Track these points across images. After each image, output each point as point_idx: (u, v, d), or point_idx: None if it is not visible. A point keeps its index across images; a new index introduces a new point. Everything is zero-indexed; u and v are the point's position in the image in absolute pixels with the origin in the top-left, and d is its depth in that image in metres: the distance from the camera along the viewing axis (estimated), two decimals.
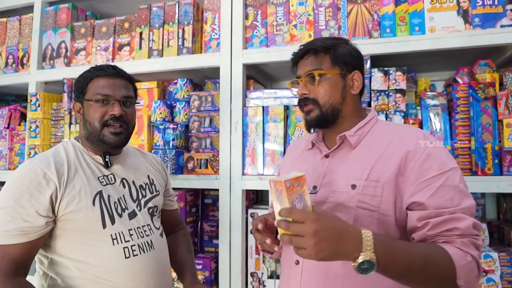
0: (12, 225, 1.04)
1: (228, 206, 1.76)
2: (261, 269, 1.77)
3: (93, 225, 1.13)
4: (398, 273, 0.84)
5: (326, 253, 0.78)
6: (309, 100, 1.09)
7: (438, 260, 0.85)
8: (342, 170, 1.05)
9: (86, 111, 1.21)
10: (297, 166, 1.17)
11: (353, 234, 0.80)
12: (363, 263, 0.78)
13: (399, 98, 1.67)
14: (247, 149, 1.77)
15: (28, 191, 1.06)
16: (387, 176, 0.97)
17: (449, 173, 0.94)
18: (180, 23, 1.96)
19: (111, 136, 1.18)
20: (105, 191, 1.19)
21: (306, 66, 1.10)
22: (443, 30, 1.60)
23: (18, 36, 2.36)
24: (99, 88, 1.19)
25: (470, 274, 0.87)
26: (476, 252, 0.89)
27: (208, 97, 1.90)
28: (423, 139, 1.00)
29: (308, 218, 0.77)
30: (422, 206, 0.93)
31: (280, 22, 1.81)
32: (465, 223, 0.89)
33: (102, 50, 2.12)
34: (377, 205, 0.97)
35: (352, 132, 1.07)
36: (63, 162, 1.15)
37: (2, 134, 2.32)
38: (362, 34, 1.70)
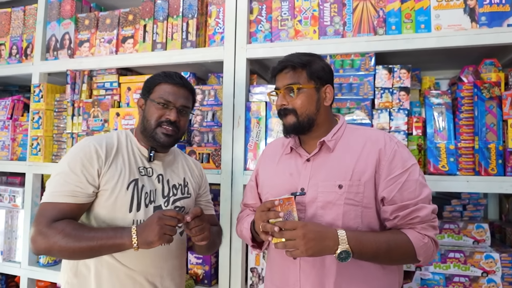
0: (65, 187, 1.21)
1: (229, 200, 1.76)
2: (261, 264, 1.77)
3: (121, 207, 1.26)
4: (370, 257, 1.10)
5: (313, 249, 1.03)
6: (288, 110, 1.23)
7: (400, 244, 1.11)
8: (326, 172, 1.20)
9: (147, 109, 1.35)
10: (281, 170, 1.30)
11: (332, 234, 1.06)
12: (341, 253, 1.04)
13: (403, 96, 1.65)
14: (249, 144, 1.77)
15: (81, 162, 1.23)
16: (367, 175, 1.16)
17: (410, 169, 1.16)
18: (184, 16, 1.95)
19: (162, 135, 1.32)
20: (141, 180, 1.32)
21: (285, 79, 1.23)
22: (449, 28, 1.58)
23: (22, 27, 2.36)
24: (164, 92, 1.33)
25: (427, 251, 1.13)
26: (433, 232, 1.14)
27: (211, 91, 1.89)
28: (389, 141, 1.20)
29: (298, 225, 1.04)
30: (392, 200, 1.14)
31: (285, 17, 1.80)
32: (425, 212, 1.12)
33: (106, 42, 2.12)
34: (361, 200, 1.16)
35: (330, 137, 1.23)
36: (113, 146, 1.32)
37: (5, 124, 2.33)
38: (367, 30, 1.69)
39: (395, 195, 1.14)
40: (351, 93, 1.68)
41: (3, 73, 2.35)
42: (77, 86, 2.15)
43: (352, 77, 1.68)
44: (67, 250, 1.15)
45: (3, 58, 2.39)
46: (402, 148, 1.21)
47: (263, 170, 1.39)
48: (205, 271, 1.88)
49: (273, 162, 1.36)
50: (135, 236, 1.14)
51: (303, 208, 1.19)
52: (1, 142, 2.32)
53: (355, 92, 1.68)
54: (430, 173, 1.55)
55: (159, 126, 1.31)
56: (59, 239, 1.14)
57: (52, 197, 1.20)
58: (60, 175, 1.22)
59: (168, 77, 1.36)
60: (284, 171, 1.29)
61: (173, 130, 1.32)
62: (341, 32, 1.72)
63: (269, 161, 1.38)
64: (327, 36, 1.73)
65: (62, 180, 1.21)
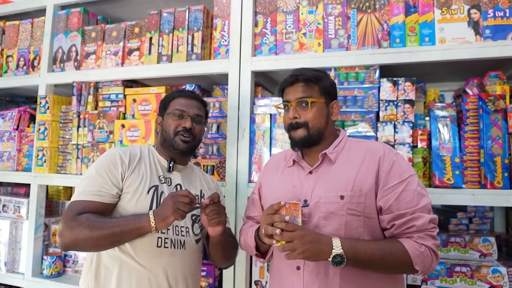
0: (92, 188, 1.31)
1: (234, 213, 1.75)
2: (265, 277, 1.76)
3: (141, 209, 1.33)
4: (364, 263, 1.11)
5: (310, 252, 1.06)
6: (299, 123, 1.26)
7: (394, 252, 1.12)
8: (327, 183, 1.22)
9: (165, 123, 1.47)
10: (284, 183, 1.32)
11: (326, 239, 1.10)
12: (335, 257, 1.07)
13: (407, 108, 1.66)
14: (254, 156, 1.77)
15: (107, 166, 1.35)
16: (368, 186, 1.18)
17: (408, 180, 1.17)
18: (189, 29, 1.97)
19: (180, 142, 1.42)
20: (161, 187, 1.41)
21: (298, 92, 1.27)
22: (454, 41, 1.59)
23: (30, 39, 2.39)
24: (177, 105, 1.46)
25: (424, 261, 1.12)
26: (431, 242, 1.13)
27: (216, 103, 1.90)
28: (388, 152, 1.23)
29: (297, 228, 1.08)
30: (388, 210, 1.16)
31: (289, 30, 1.81)
32: (422, 221, 1.13)
33: (112, 54, 2.14)
34: (362, 210, 1.17)
35: (331, 150, 1.26)
36: (136, 155, 1.44)
37: (11, 135, 2.34)
38: (371, 43, 1.70)
39: (392, 204, 1.15)
40: (356, 105, 1.68)
41: (11, 84, 2.38)
42: (83, 98, 2.17)
43: (357, 89, 1.69)
44: (92, 238, 1.21)
45: (10, 69, 2.41)
46: (401, 159, 1.23)
47: (266, 183, 1.41)
48: (209, 284, 1.87)
49: (275, 175, 1.38)
50: (152, 219, 1.23)
51: (306, 219, 1.20)
52: (7, 153, 2.33)
53: (359, 105, 1.68)
54: (436, 186, 1.55)
55: (177, 135, 1.42)
56: (83, 228, 1.22)
57: (79, 196, 1.30)
58: (89, 178, 1.34)
59: (180, 92, 1.51)
60: (287, 183, 1.31)
61: (190, 137, 1.43)
62: (345, 45, 1.73)
63: (272, 173, 1.40)
64: (331, 49, 1.74)
65: (89, 182, 1.32)
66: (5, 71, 2.43)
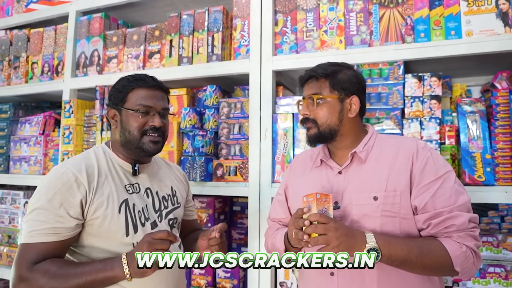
0: (45, 225, 1.09)
1: (258, 214, 1.74)
2: (290, 278, 1.74)
3: (117, 232, 1.17)
4: (400, 261, 1.04)
5: (344, 245, 1.01)
6: (309, 120, 1.23)
7: (434, 251, 1.05)
8: (359, 184, 1.17)
9: (125, 120, 1.24)
10: (312, 184, 1.26)
11: (360, 233, 1.05)
12: (369, 251, 1.02)
13: (434, 104, 1.61)
14: (276, 156, 1.75)
15: (60, 194, 1.11)
16: (402, 185, 1.12)
17: (445, 176, 1.11)
18: (209, 30, 1.97)
19: (150, 144, 1.23)
20: (131, 199, 1.22)
21: (309, 89, 1.24)
22: (481, 33, 1.54)
23: (54, 45, 2.44)
24: (141, 99, 1.23)
25: (466, 262, 1.05)
26: (473, 242, 1.07)
27: (237, 104, 1.90)
28: (422, 148, 1.16)
29: (331, 220, 1.03)
30: (424, 209, 1.10)
31: (310, 28, 1.79)
32: (461, 220, 1.06)
33: (133, 58, 2.16)
34: (398, 211, 1.12)
35: (361, 148, 1.20)
36: (93, 168, 1.19)
37: (37, 140, 2.39)
38: (394, 39, 1.66)
39: (428, 203, 1.09)
40: (380, 102, 1.65)
41: (36, 90, 2.43)
42: (105, 102, 2.19)
43: (381, 86, 1.65)
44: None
45: (35, 76, 2.47)
46: (436, 155, 1.16)
47: (293, 184, 1.36)
48: (234, 285, 1.86)
49: (302, 175, 1.33)
50: (126, 266, 1.05)
51: None
52: (33, 157, 2.38)
53: (384, 102, 1.65)
54: (466, 184, 1.50)
55: (144, 135, 1.23)
56: (44, 283, 1.04)
57: (30, 238, 1.08)
58: (38, 211, 1.10)
59: (140, 81, 1.25)
60: (315, 184, 1.26)
61: (159, 136, 1.25)
62: (368, 41, 1.70)
63: (299, 174, 1.35)
64: (353, 46, 1.71)
65: (40, 216, 1.09)
66: (31, 77, 2.48)
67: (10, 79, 2.57)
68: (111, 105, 1.28)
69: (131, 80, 1.26)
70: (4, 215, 2.39)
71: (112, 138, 1.30)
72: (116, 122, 1.27)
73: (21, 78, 2.52)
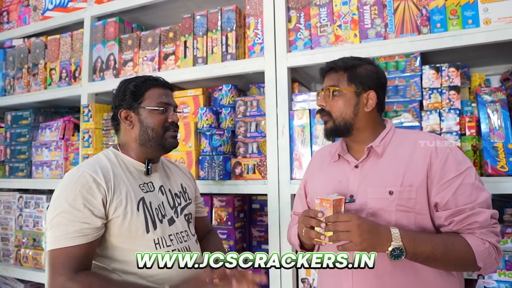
0: (72, 228, 1.09)
1: (277, 211, 1.74)
2: (312, 275, 1.74)
3: (137, 230, 1.19)
4: (424, 258, 1.04)
5: (367, 242, 1.00)
6: (324, 111, 1.25)
7: (458, 247, 1.04)
8: (375, 178, 1.17)
9: (145, 118, 1.27)
10: (329, 178, 1.27)
11: (385, 229, 1.03)
12: (394, 250, 1.01)
13: (453, 95, 1.59)
14: (294, 153, 1.75)
15: (81, 195, 1.12)
16: (419, 181, 1.12)
17: (465, 173, 1.10)
18: (223, 29, 1.98)
19: (171, 140, 1.30)
20: (147, 197, 1.25)
21: (327, 81, 1.25)
22: (500, 21, 1.51)
23: (70, 51, 2.48)
24: (158, 96, 1.28)
25: (489, 257, 1.06)
26: (495, 239, 1.07)
27: (254, 102, 1.90)
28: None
29: (353, 217, 1.02)
30: (446, 206, 1.09)
31: (324, 23, 1.78)
32: (483, 216, 1.06)
33: (148, 60, 2.19)
34: (413, 206, 1.11)
35: (378, 143, 1.20)
36: (108, 169, 1.21)
37: (57, 144, 2.44)
38: (410, 30, 1.64)
39: (449, 200, 1.09)
40: (398, 95, 1.63)
41: (55, 96, 2.48)
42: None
43: (398, 79, 1.64)
44: None
45: (54, 82, 2.52)
46: (455, 150, 1.15)
47: (311, 179, 1.38)
48: None
49: (321, 170, 1.34)
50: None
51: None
52: (55, 162, 2.43)
53: (401, 95, 1.63)
54: (488, 175, 1.47)
55: (167, 131, 1.28)
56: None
57: (59, 242, 1.08)
58: (61, 215, 1.11)
59: (155, 81, 1.32)
60: (332, 178, 1.27)
61: (177, 131, 1.33)
62: (383, 34, 1.68)
63: (317, 169, 1.37)
64: (368, 39, 1.70)
65: (65, 220, 1.10)
66: (49, 83, 2.54)
67: (29, 86, 2.62)
68: (124, 106, 1.29)
69: (145, 80, 1.30)
70: (28, 219, 2.45)
71: (124, 140, 1.31)
72: (131, 122, 1.28)
73: (40, 84, 2.57)
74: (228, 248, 1.93)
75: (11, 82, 2.72)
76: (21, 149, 2.60)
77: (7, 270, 2.48)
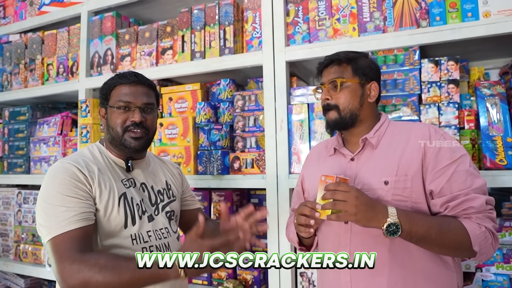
0: (70, 213, 1.08)
1: (276, 205, 1.74)
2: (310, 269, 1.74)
3: (116, 224, 1.18)
4: (419, 237, 1.04)
5: (362, 214, 1.01)
6: (330, 105, 1.23)
7: (453, 230, 1.05)
8: (370, 169, 1.18)
9: (109, 117, 1.26)
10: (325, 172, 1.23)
11: (381, 206, 1.05)
12: (390, 226, 1.01)
13: (452, 89, 1.58)
14: (293, 147, 1.75)
15: (71, 183, 1.12)
16: (414, 169, 1.13)
17: (459, 160, 1.11)
18: (221, 24, 1.97)
19: (131, 140, 1.23)
20: (129, 193, 1.24)
21: (330, 74, 1.24)
22: (500, 14, 1.50)
23: (68, 46, 2.47)
24: (121, 95, 1.24)
25: (485, 242, 1.06)
26: (491, 224, 1.08)
27: (252, 96, 1.89)
28: (434, 132, 1.16)
29: (352, 188, 1.03)
30: (440, 193, 1.10)
31: (322, 17, 1.77)
32: (479, 202, 1.07)
33: (146, 55, 2.17)
34: (409, 195, 1.12)
35: (372, 134, 1.21)
36: (91, 162, 1.22)
37: (55, 140, 2.43)
38: (409, 24, 1.63)
39: (444, 187, 1.10)
40: (396, 89, 1.63)
41: (52, 91, 2.47)
42: None
43: (397, 72, 1.63)
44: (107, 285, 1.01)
45: (51, 77, 2.50)
46: (449, 139, 1.17)
47: (308, 175, 1.38)
48: (254, 277, 1.87)
49: (317, 165, 1.35)
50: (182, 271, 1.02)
51: None
52: (53, 157, 2.43)
53: (400, 88, 1.63)
54: (487, 168, 1.47)
55: (126, 131, 1.23)
56: (94, 272, 1.01)
57: (60, 228, 1.07)
58: (54, 205, 1.10)
59: (121, 78, 1.27)
60: (329, 172, 1.25)
61: (142, 132, 1.25)
62: (382, 28, 1.67)
63: (313, 164, 1.37)
64: (367, 33, 1.69)
65: (60, 208, 1.09)
66: (47, 79, 2.52)
67: (27, 81, 2.61)
68: (100, 105, 1.31)
69: (114, 77, 1.28)
70: (27, 214, 2.45)
71: (105, 136, 1.33)
72: (105, 120, 1.29)
73: (38, 80, 2.56)
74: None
75: (8, 77, 2.70)
76: (19, 145, 2.59)
77: (7, 265, 2.48)
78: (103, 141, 1.33)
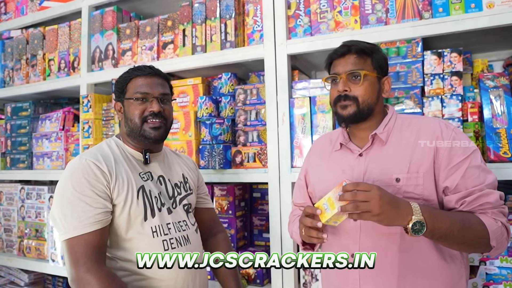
0: (85, 215, 1.10)
1: (278, 199, 1.74)
2: None
3: (136, 217, 1.20)
4: (442, 234, 1.01)
5: (387, 214, 0.95)
6: (348, 97, 1.17)
7: (474, 225, 1.04)
8: (380, 166, 1.15)
9: (126, 109, 1.29)
10: (332, 167, 1.25)
11: (405, 203, 0.99)
12: (415, 224, 0.96)
13: (455, 81, 1.57)
14: (295, 141, 1.74)
15: (88, 182, 1.14)
16: (426, 166, 1.10)
17: (472, 156, 1.10)
18: (222, 17, 1.95)
19: (151, 131, 1.26)
20: (147, 186, 1.26)
21: (348, 64, 1.18)
22: (503, 4, 1.48)
23: (69, 42, 2.46)
24: (138, 87, 1.27)
25: (501, 236, 1.06)
26: (504, 219, 1.08)
27: (253, 90, 1.88)
28: (446, 128, 1.14)
29: (373, 187, 0.96)
30: (456, 189, 1.08)
31: (324, 10, 1.76)
32: (494, 197, 1.07)
33: (147, 49, 2.17)
34: (421, 192, 1.10)
35: (381, 129, 1.18)
36: (109, 157, 1.24)
37: (58, 135, 2.44)
38: (411, 15, 1.61)
39: (459, 183, 1.08)
40: (399, 81, 1.61)
41: (54, 86, 2.46)
42: None
43: (399, 65, 1.62)
44: None
45: (53, 72, 2.50)
46: (460, 134, 1.15)
47: (313, 169, 1.35)
48: (257, 271, 1.87)
49: (322, 160, 1.31)
50: None
51: None
52: (55, 153, 2.43)
53: (403, 81, 1.61)
54: (491, 161, 1.46)
55: (145, 122, 1.26)
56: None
57: (76, 230, 1.09)
58: (71, 204, 1.12)
59: (137, 70, 1.30)
60: (335, 168, 1.24)
61: (160, 122, 1.27)
62: (384, 20, 1.65)
63: (318, 159, 1.34)
64: (369, 25, 1.67)
65: (76, 207, 1.11)
66: (48, 74, 2.52)
67: (28, 77, 2.61)
68: (116, 99, 1.34)
69: (129, 71, 1.31)
70: (30, 209, 2.45)
71: (121, 130, 1.35)
72: (122, 114, 1.32)
73: (39, 75, 2.55)
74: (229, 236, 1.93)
75: (10, 73, 2.70)
76: (22, 140, 2.60)
77: (11, 260, 2.49)
78: (119, 135, 1.35)
